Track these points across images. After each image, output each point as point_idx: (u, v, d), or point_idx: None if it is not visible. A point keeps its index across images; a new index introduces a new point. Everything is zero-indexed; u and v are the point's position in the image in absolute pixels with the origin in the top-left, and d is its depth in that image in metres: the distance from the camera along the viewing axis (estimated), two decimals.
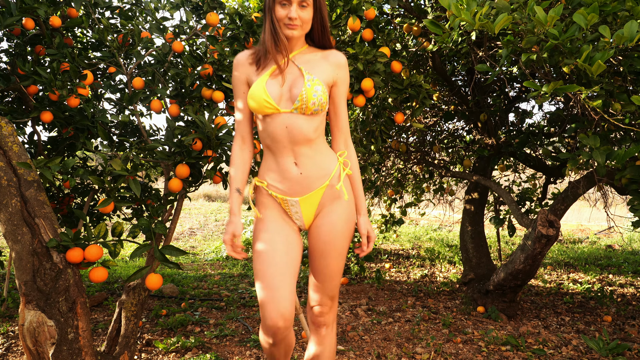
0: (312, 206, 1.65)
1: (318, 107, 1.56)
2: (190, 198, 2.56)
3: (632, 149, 1.94)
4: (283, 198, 1.63)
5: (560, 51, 1.75)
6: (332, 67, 1.63)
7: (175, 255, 1.88)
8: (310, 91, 1.53)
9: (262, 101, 1.54)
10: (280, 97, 1.56)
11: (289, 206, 1.65)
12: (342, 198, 1.66)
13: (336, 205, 1.65)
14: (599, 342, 2.58)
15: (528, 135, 3.40)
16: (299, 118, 1.56)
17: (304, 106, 1.54)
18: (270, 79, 1.57)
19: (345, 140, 1.73)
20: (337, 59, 1.65)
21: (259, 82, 1.56)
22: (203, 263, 5.48)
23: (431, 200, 5.26)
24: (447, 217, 8.73)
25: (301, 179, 1.60)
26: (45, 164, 1.85)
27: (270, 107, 1.55)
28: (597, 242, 7.00)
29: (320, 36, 1.64)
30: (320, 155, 1.62)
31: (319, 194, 1.63)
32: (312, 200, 1.64)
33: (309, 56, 1.64)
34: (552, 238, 2.76)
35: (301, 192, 1.62)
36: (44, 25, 2.21)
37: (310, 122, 1.57)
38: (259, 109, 1.56)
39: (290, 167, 1.60)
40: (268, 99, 1.54)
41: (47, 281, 1.82)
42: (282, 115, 1.56)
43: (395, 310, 3.49)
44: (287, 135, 1.56)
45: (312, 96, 1.54)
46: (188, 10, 2.36)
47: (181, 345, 2.66)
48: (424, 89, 2.36)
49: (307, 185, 1.61)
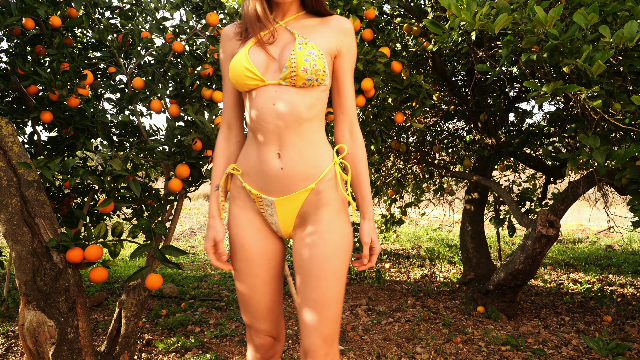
0: (290, 211, 1.34)
1: (312, 76, 1.26)
2: (190, 198, 2.56)
3: (632, 149, 1.94)
4: (257, 195, 1.35)
5: (560, 51, 1.75)
6: (334, 33, 1.35)
7: (175, 255, 1.87)
8: (301, 54, 1.25)
9: (243, 70, 1.27)
10: (266, 66, 1.29)
11: (264, 206, 1.36)
12: (331, 206, 1.33)
13: (324, 215, 1.33)
14: (599, 342, 2.58)
15: (528, 135, 3.40)
16: (288, 91, 1.27)
17: (293, 74, 1.25)
18: (255, 47, 1.30)
19: (350, 126, 1.41)
20: (341, 24, 1.36)
21: (242, 51, 1.30)
22: (203, 263, 5.48)
23: (431, 200, 5.26)
24: (447, 217, 8.73)
25: (281, 176, 1.30)
26: (45, 164, 1.85)
27: (254, 78, 1.28)
28: (597, 242, 7.00)
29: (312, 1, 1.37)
30: (310, 149, 1.31)
31: (300, 198, 1.32)
32: (290, 204, 1.33)
33: (306, 21, 1.37)
34: (552, 238, 2.76)
35: (279, 191, 1.32)
36: (44, 25, 2.21)
37: (302, 97, 1.27)
38: (240, 81, 1.29)
39: (271, 158, 1.30)
40: (250, 66, 1.27)
41: (47, 281, 1.82)
42: (268, 88, 1.28)
43: (395, 310, 3.48)
44: (275, 115, 1.27)
45: (304, 60, 1.24)
46: (188, 10, 2.36)
47: (181, 345, 2.66)
48: (424, 89, 2.36)
49: (287, 184, 1.31)
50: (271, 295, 1.40)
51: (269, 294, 1.40)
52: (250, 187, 1.36)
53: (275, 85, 1.28)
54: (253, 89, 1.30)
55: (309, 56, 1.25)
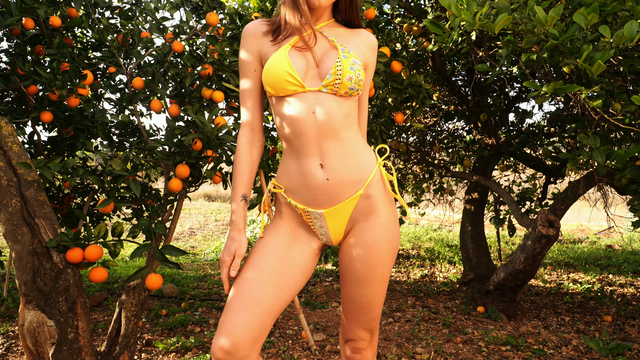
0: (341, 221, 1.31)
1: (355, 85, 1.25)
2: (190, 198, 2.56)
3: (632, 149, 1.94)
4: (304, 209, 1.30)
5: (561, 51, 1.75)
6: (365, 46, 1.35)
7: (175, 255, 1.87)
8: (347, 63, 1.23)
9: (283, 74, 1.22)
10: (306, 72, 1.25)
11: (312, 219, 1.31)
12: (381, 211, 1.31)
13: (374, 221, 1.31)
14: (599, 342, 2.58)
15: (528, 135, 3.40)
16: (328, 99, 1.24)
17: (337, 81, 1.23)
18: (294, 50, 1.26)
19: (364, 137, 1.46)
20: (371, 39, 1.38)
21: (280, 52, 1.25)
22: (203, 263, 5.48)
23: (431, 200, 5.26)
24: (447, 217, 8.73)
25: (327, 187, 1.26)
26: (45, 164, 1.85)
27: (295, 83, 1.23)
28: (597, 242, 7.00)
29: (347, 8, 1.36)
30: (354, 155, 1.29)
31: (350, 206, 1.29)
32: (341, 214, 1.30)
33: (338, 30, 1.36)
34: (552, 238, 2.76)
35: (327, 203, 1.28)
36: (44, 25, 2.21)
37: (341, 105, 1.26)
38: (278, 85, 1.24)
39: (315, 170, 1.26)
40: (292, 71, 1.23)
41: (47, 281, 1.82)
42: (307, 94, 1.24)
43: (395, 310, 3.48)
44: (314, 123, 1.24)
45: (349, 69, 1.23)
46: (188, 10, 2.36)
47: (181, 345, 2.66)
48: (424, 89, 2.36)
49: (334, 194, 1.27)
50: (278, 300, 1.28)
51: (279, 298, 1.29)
52: (295, 202, 1.31)
53: (314, 92, 1.24)
54: (290, 94, 1.25)
55: (354, 65, 1.25)
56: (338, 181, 1.26)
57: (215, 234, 7.68)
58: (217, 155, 2.08)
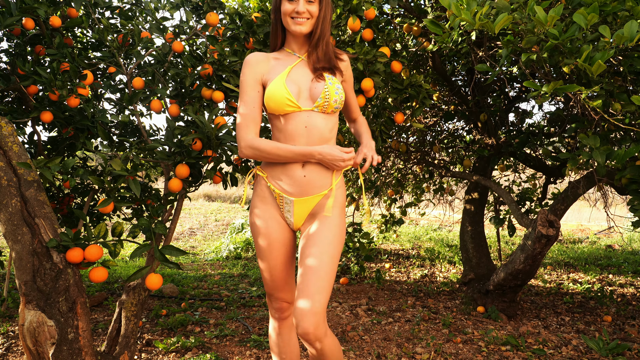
0: (305, 210, 1.66)
1: (338, 105, 1.62)
2: (190, 198, 2.56)
3: (632, 149, 1.94)
4: (280, 194, 1.65)
5: (560, 51, 1.75)
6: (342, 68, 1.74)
7: (175, 255, 1.87)
8: (333, 89, 1.59)
9: (283, 99, 1.56)
10: (298, 95, 1.60)
11: (284, 203, 1.66)
12: (336, 208, 1.66)
13: (326, 219, 1.64)
14: (599, 342, 2.58)
15: (528, 135, 3.40)
16: (318, 117, 1.60)
17: (326, 104, 1.59)
18: (288, 77, 1.61)
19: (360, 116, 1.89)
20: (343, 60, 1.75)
21: (278, 80, 1.58)
22: (203, 263, 5.48)
23: (431, 200, 5.26)
24: (447, 217, 8.73)
25: (303, 182, 1.62)
26: (45, 164, 1.85)
27: (292, 105, 1.57)
28: (597, 242, 7.00)
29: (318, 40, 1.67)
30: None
31: (314, 200, 1.64)
32: (307, 204, 1.65)
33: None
34: (552, 238, 2.76)
35: (299, 193, 1.63)
36: (44, 25, 2.21)
37: (327, 121, 1.62)
38: (279, 108, 1.58)
39: (297, 168, 1.61)
40: (289, 96, 1.57)
41: (47, 281, 1.82)
42: (302, 113, 1.59)
43: (395, 310, 3.48)
44: (306, 135, 1.59)
45: (335, 93, 1.59)
46: (188, 10, 2.36)
47: (181, 345, 2.66)
48: (424, 89, 2.36)
49: (307, 188, 1.62)
50: (286, 272, 1.73)
51: (285, 271, 1.73)
52: (274, 187, 1.65)
53: (307, 111, 1.60)
54: (288, 113, 1.59)
55: (337, 89, 1.61)
56: (312, 179, 1.62)
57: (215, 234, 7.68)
58: (217, 155, 2.08)
